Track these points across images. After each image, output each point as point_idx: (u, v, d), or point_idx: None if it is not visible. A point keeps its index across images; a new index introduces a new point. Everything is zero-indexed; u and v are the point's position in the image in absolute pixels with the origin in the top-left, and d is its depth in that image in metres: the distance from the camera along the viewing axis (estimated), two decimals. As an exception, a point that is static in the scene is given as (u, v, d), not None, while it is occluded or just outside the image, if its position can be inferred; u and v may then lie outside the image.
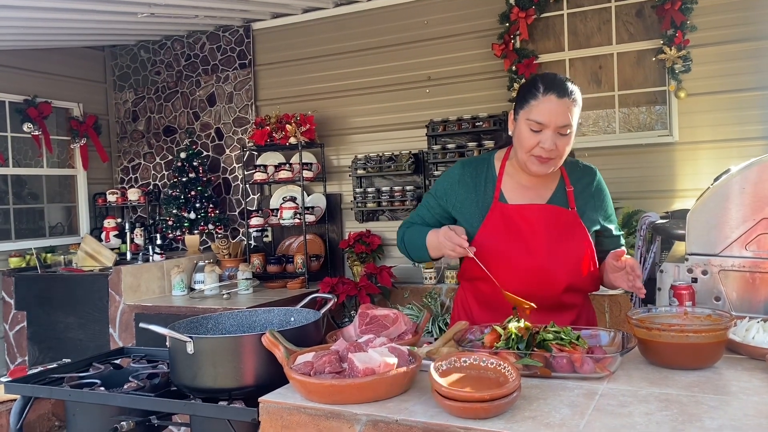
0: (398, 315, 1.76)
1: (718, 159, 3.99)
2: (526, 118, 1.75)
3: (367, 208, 5.03)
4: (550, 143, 1.73)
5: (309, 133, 4.97)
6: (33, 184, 5.68)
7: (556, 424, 1.18)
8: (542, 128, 1.73)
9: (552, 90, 1.73)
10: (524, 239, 1.83)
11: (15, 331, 5.02)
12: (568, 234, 1.85)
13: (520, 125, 1.79)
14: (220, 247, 5.20)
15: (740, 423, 1.15)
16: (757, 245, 1.91)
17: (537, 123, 1.73)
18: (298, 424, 1.36)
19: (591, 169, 1.97)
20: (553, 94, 1.72)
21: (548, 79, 1.77)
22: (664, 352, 1.48)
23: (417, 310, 4.41)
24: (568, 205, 1.87)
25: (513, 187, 1.89)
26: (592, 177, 1.95)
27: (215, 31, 5.69)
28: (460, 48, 4.78)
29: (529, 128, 1.75)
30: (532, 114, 1.74)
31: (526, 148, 1.77)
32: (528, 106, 1.75)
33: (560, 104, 1.72)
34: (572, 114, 1.74)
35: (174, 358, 1.64)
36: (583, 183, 1.92)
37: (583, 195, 1.91)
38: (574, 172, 1.93)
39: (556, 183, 1.91)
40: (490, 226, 1.85)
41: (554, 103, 1.72)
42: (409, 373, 1.39)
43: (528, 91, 1.77)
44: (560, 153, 1.77)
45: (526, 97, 1.77)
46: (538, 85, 1.75)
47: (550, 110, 1.72)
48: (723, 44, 4.06)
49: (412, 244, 1.97)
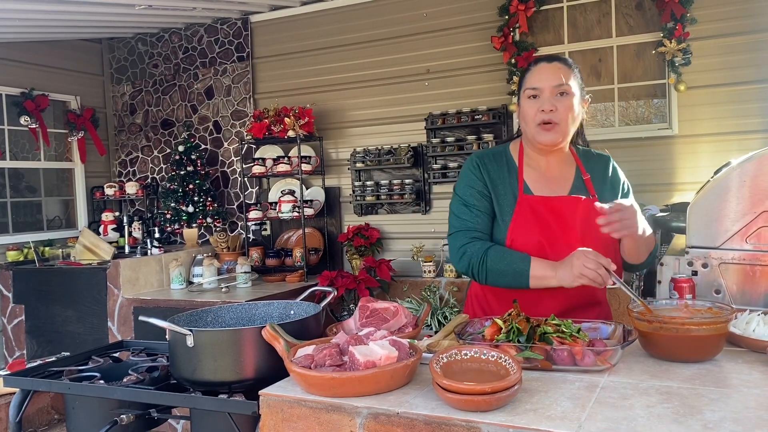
0: (398, 308, 1.76)
1: (718, 152, 3.99)
2: (524, 90, 1.85)
3: (365, 201, 5.02)
4: (549, 104, 1.79)
5: (307, 126, 4.96)
6: (30, 177, 5.66)
7: (558, 416, 1.18)
8: (538, 93, 1.81)
9: (542, 60, 1.85)
10: (557, 232, 1.81)
11: (13, 325, 5.02)
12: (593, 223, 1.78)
13: (521, 103, 1.87)
14: (219, 241, 5.19)
15: (741, 415, 1.15)
16: (757, 238, 1.92)
17: (532, 89, 1.82)
18: (298, 417, 1.36)
19: (604, 156, 1.98)
20: (543, 62, 1.84)
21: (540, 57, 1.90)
22: (664, 345, 1.48)
23: (416, 304, 4.41)
24: (588, 193, 1.87)
25: (535, 177, 1.88)
26: (606, 164, 1.96)
27: (213, 24, 5.67)
28: (459, 41, 4.77)
29: (527, 98, 1.83)
30: (527, 83, 1.84)
31: (530, 118, 1.82)
32: (524, 81, 1.86)
33: (550, 67, 1.81)
34: (566, 76, 1.80)
35: (174, 352, 1.64)
36: (597, 171, 1.92)
37: (600, 182, 1.90)
38: (589, 161, 1.93)
39: (573, 172, 1.90)
40: (521, 220, 1.82)
41: (545, 67, 1.82)
42: (410, 366, 1.38)
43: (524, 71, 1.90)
44: (562, 116, 1.80)
45: (523, 76, 1.88)
46: (531, 64, 1.88)
47: (541, 73, 1.81)
48: (723, 37, 4.05)
49: (502, 269, 1.77)
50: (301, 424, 1.35)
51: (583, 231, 1.80)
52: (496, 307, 1.91)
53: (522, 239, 1.80)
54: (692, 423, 1.13)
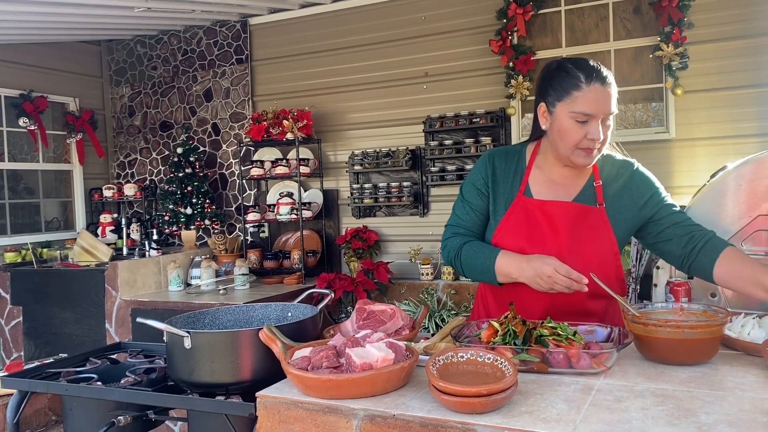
0: (395, 310, 1.76)
1: (715, 156, 4.00)
2: (570, 110, 1.67)
3: (364, 204, 5.02)
4: (598, 133, 1.66)
5: (306, 129, 4.96)
6: (29, 178, 5.66)
7: (553, 419, 1.19)
8: (589, 119, 1.66)
9: (595, 79, 1.66)
10: (545, 238, 1.76)
11: (11, 326, 5.01)
12: (592, 234, 1.77)
13: (561, 118, 1.70)
14: (217, 243, 5.19)
15: (735, 418, 1.16)
16: (753, 241, 1.92)
17: (584, 114, 1.66)
18: (295, 419, 1.36)
19: (628, 162, 1.86)
20: (597, 83, 1.66)
21: (585, 66, 1.69)
22: (660, 348, 1.49)
23: (414, 306, 4.41)
24: (596, 201, 1.79)
25: (542, 182, 1.82)
26: (629, 170, 1.83)
27: (212, 26, 5.67)
28: (457, 44, 4.78)
29: (574, 120, 1.67)
30: (578, 105, 1.66)
31: (572, 142, 1.69)
32: (570, 97, 1.67)
33: (605, 92, 1.66)
34: (615, 100, 1.69)
35: (171, 353, 1.64)
36: (616, 177, 1.82)
37: (616, 190, 1.81)
38: (605, 166, 1.83)
39: (585, 178, 1.82)
40: (512, 221, 1.79)
41: (600, 91, 1.66)
42: (407, 368, 1.39)
43: (567, 81, 1.69)
44: (604, 142, 1.71)
45: (566, 87, 1.68)
46: (578, 74, 1.67)
47: (597, 100, 1.65)
48: (720, 41, 4.07)
49: (473, 263, 1.79)
50: (297, 426, 1.36)
51: (574, 239, 1.75)
52: (494, 308, 1.91)
53: (506, 240, 1.78)
54: (687, 425, 1.13)
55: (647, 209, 1.81)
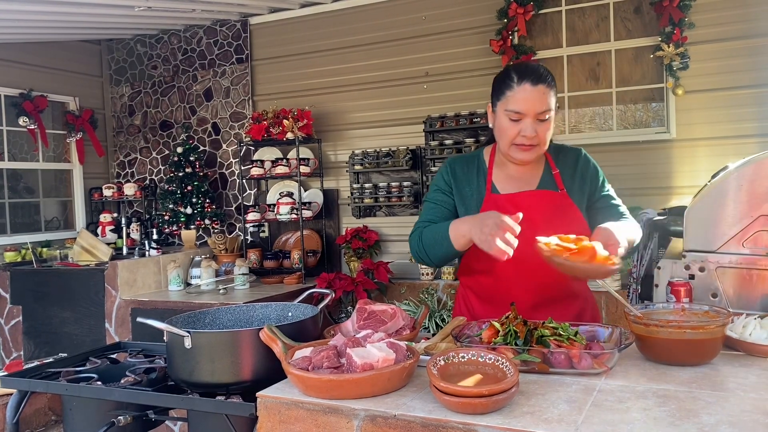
0: (396, 310, 1.76)
1: (716, 156, 4.00)
2: (504, 109, 1.77)
3: (364, 203, 5.02)
4: (531, 131, 1.75)
5: (306, 129, 4.96)
6: (29, 178, 5.65)
7: (554, 419, 1.18)
8: (521, 117, 1.75)
9: (526, 78, 1.74)
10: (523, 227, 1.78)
11: (10, 326, 5.01)
12: (561, 216, 1.85)
13: (499, 117, 1.81)
14: (217, 242, 5.19)
15: (737, 419, 1.15)
16: (754, 242, 1.92)
17: (515, 113, 1.75)
18: (296, 419, 1.36)
19: (576, 149, 1.97)
20: (527, 83, 1.74)
21: (521, 67, 1.79)
22: (661, 349, 1.49)
23: (414, 306, 4.41)
24: (556, 187, 1.88)
25: (503, 179, 1.90)
26: (577, 155, 1.95)
27: (212, 26, 5.67)
28: (457, 44, 4.78)
29: (508, 119, 1.77)
30: (509, 104, 1.76)
31: (507, 138, 1.79)
32: (504, 97, 1.77)
33: (535, 91, 1.73)
34: (549, 99, 1.76)
35: (171, 353, 1.64)
36: (568, 164, 1.92)
37: (570, 175, 1.91)
38: (558, 155, 1.93)
39: (541, 168, 1.92)
40: None
41: (529, 91, 1.73)
42: (408, 369, 1.39)
43: (502, 81, 1.79)
44: (542, 139, 1.78)
45: (501, 88, 1.79)
46: (512, 75, 1.77)
47: (527, 98, 1.74)
48: (721, 41, 4.06)
49: (432, 238, 1.83)
50: (298, 426, 1.35)
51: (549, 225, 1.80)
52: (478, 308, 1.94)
53: None
54: (689, 426, 1.13)
55: (593, 194, 1.92)
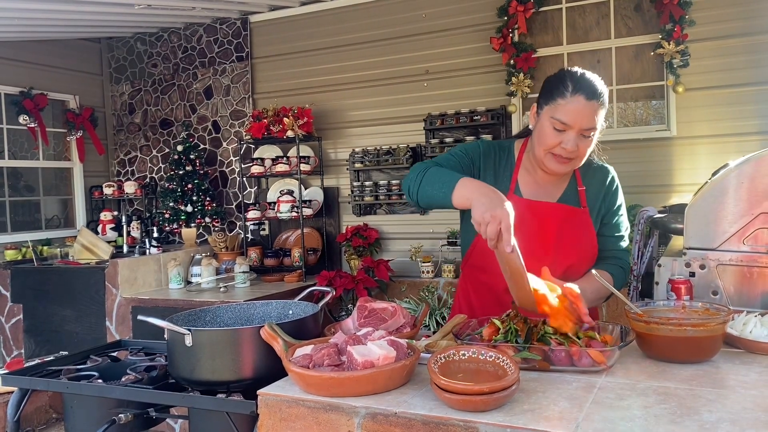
0: (397, 308, 1.76)
1: (716, 154, 3.99)
2: (551, 116, 1.70)
3: (364, 201, 5.02)
4: (573, 144, 1.68)
5: (306, 127, 4.96)
6: (29, 176, 5.65)
7: (555, 417, 1.18)
8: (566, 128, 1.68)
9: (581, 90, 1.67)
10: (535, 237, 1.78)
11: (11, 324, 5.01)
12: (578, 234, 1.83)
13: (542, 121, 1.73)
14: (217, 241, 5.19)
15: (738, 416, 1.15)
16: (754, 240, 1.92)
17: (561, 123, 1.68)
18: (296, 417, 1.36)
19: (605, 168, 1.92)
20: (581, 95, 1.66)
21: (578, 77, 1.70)
22: (662, 346, 1.49)
23: (415, 304, 4.41)
24: (579, 203, 1.84)
25: (528, 182, 1.86)
26: (605, 175, 1.90)
27: (212, 24, 5.66)
28: (458, 41, 4.77)
29: (552, 126, 1.70)
30: (558, 113, 1.68)
31: (546, 146, 1.72)
32: (554, 103, 1.70)
33: (588, 106, 1.66)
34: (598, 117, 1.69)
35: (172, 351, 1.64)
36: (595, 182, 1.88)
37: (595, 194, 1.87)
38: (587, 171, 1.88)
39: (567, 181, 1.88)
40: None
41: (582, 104, 1.66)
42: (408, 366, 1.39)
43: (556, 87, 1.71)
44: (581, 155, 1.72)
45: (553, 93, 1.70)
46: (567, 83, 1.69)
47: (577, 111, 1.66)
48: (721, 39, 4.06)
49: (437, 178, 1.67)
50: (299, 424, 1.35)
51: (561, 240, 1.79)
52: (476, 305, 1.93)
53: None
54: (689, 424, 1.13)
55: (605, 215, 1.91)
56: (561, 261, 1.79)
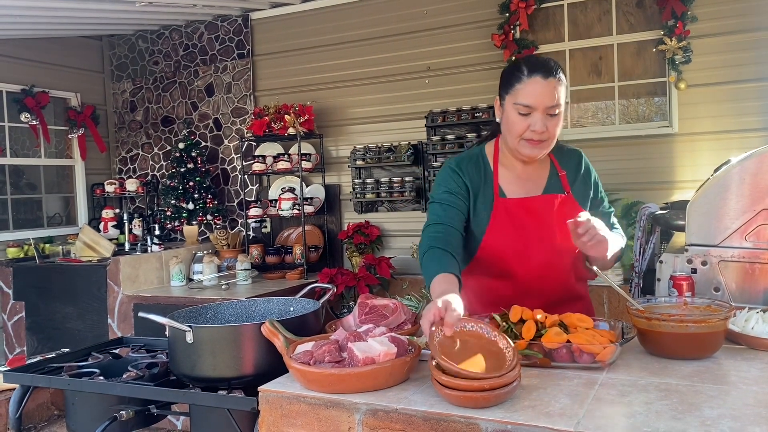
0: (398, 305, 1.76)
1: (718, 150, 3.98)
2: (513, 102, 1.73)
3: (366, 199, 5.02)
4: (541, 125, 1.70)
5: (308, 124, 4.95)
6: (31, 174, 5.66)
7: (556, 413, 1.18)
8: (531, 111, 1.71)
9: (536, 71, 1.70)
10: (532, 233, 1.79)
11: (13, 321, 5.02)
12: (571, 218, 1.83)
13: (507, 110, 1.77)
14: (219, 238, 5.19)
15: (739, 412, 1.15)
16: (756, 236, 1.91)
17: (525, 106, 1.71)
18: (297, 413, 1.36)
19: (576, 151, 1.95)
20: (538, 75, 1.70)
21: (531, 60, 1.75)
22: (663, 342, 1.49)
23: (416, 301, 4.41)
24: (563, 189, 1.85)
25: (510, 180, 1.86)
26: (579, 158, 1.92)
27: (213, 21, 5.66)
28: (459, 38, 4.76)
29: (517, 112, 1.72)
30: (519, 97, 1.71)
31: (516, 133, 1.74)
32: (513, 90, 1.74)
33: (546, 85, 1.69)
34: (559, 93, 1.71)
35: (173, 348, 1.64)
36: (571, 166, 1.90)
37: (573, 178, 1.89)
38: (562, 156, 1.90)
39: (548, 169, 1.88)
40: (498, 225, 1.80)
41: (540, 84, 1.69)
42: (409, 363, 1.39)
43: (512, 74, 1.76)
44: (551, 134, 1.74)
45: (511, 81, 1.75)
46: (522, 68, 1.73)
47: (537, 92, 1.69)
48: (723, 35, 4.04)
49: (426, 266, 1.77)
50: (300, 420, 1.35)
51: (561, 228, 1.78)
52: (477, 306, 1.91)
53: (497, 244, 1.79)
54: (691, 419, 1.13)
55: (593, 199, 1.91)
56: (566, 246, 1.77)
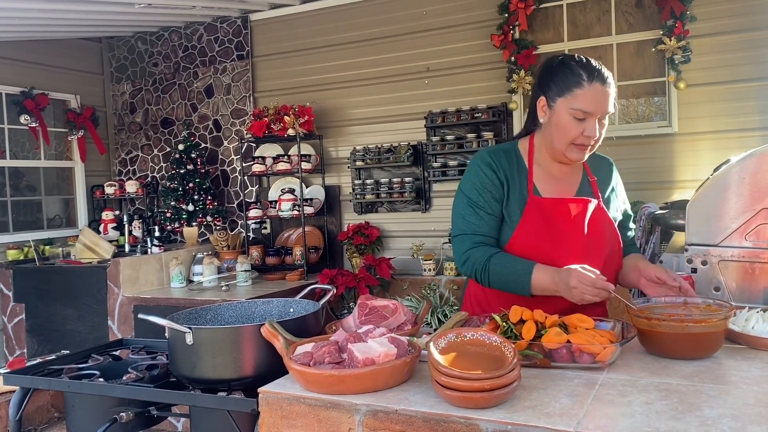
0: (398, 306, 1.76)
1: (718, 150, 3.98)
2: (570, 107, 1.71)
3: (365, 199, 5.02)
4: (596, 131, 1.72)
5: (307, 125, 4.95)
6: (30, 176, 5.66)
7: (556, 413, 1.18)
8: (587, 117, 1.71)
9: (596, 78, 1.71)
10: (563, 235, 1.79)
11: (13, 323, 5.02)
12: (600, 226, 1.83)
13: (560, 114, 1.74)
14: (219, 239, 5.19)
15: (739, 412, 1.15)
16: (756, 235, 1.91)
17: (583, 112, 1.70)
18: (297, 415, 1.36)
19: (606, 159, 1.97)
20: (597, 82, 1.70)
21: (588, 65, 1.73)
22: (663, 342, 1.49)
23: (416, 302, 4.41)
24: (593, 195, 1.86)
25: (544, 179, 1.84)
26: (610, 167, 1.95)
27: (213, 23, 5.66)
28: (458, 39, 4.76)
29: (572, 117, 1.72)
30: (577, 103, 1.70)
31: (569, 138, 1.73)
32: (571, 94, 1.71)
33: (604, 92, 1.71)
34: (613, 99, 1.74)
35: (173, 349, 1.64)
36: (602, 173, 1.91)
37: (605, 185, 1.90)
38: (593, 162, 1.91)
39: (581, 173, 1.89)
40: (529, 222, 1.79)
41: (600, 90, 1.70)
42: (409, 363, 1.39)
43: (568, 78, 1.73)
44: (599, 140, 1.76)
45: (568, 84, 1.72)
46: (580, 72, 1.71)
47: (597, 99, 1.70)
48: (723, 35, 4.04)
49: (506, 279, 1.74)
50: (300, 422, 1.35)
51: (591, 233, 1.80)
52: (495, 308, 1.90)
53: (527, 242, 1.78)
54: (691, 419, 1.13)
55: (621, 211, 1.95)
56: (595, 253, 1.77)
